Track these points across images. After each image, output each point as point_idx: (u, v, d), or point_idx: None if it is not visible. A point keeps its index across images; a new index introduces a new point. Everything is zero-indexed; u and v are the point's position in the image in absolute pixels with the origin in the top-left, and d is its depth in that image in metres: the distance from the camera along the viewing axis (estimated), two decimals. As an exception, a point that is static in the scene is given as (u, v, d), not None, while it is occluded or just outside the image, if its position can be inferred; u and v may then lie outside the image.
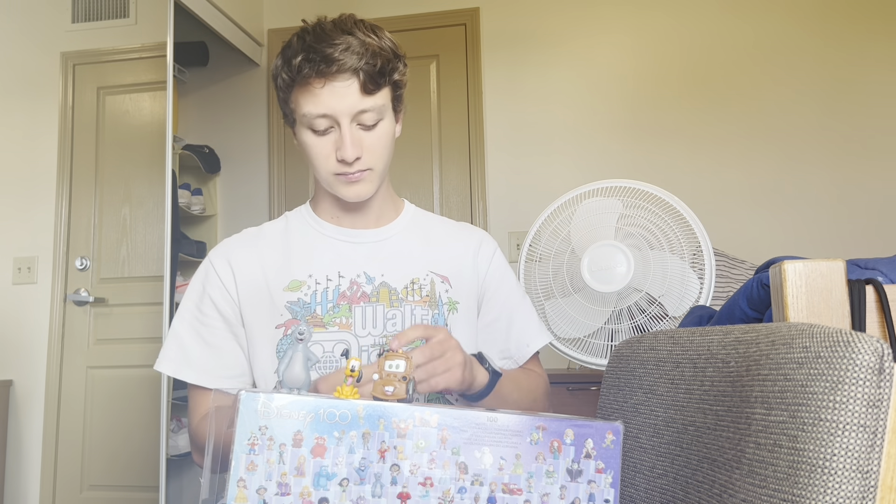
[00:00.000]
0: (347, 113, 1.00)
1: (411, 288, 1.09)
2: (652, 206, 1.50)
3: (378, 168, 1.06)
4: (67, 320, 2.73)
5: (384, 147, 1.06)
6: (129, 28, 2.86)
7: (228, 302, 1.09)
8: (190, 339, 1.09)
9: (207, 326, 1.08)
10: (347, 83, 0.99)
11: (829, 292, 0.75)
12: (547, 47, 3.04)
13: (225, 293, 1.09)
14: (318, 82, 0.99)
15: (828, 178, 2.77)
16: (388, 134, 1.07)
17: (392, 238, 1.14)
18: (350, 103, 1.00)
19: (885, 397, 0.55)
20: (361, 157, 1.03)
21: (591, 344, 1.53)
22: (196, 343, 1.08)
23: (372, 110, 1.02)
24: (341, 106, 1.00)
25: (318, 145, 1.03)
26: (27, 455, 2.69)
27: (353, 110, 1.00)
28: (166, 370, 1.08)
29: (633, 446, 0.85)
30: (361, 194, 1.07)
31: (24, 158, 2.85)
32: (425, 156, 3.10)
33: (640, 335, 0.94)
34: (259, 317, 1.07)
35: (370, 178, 1.06)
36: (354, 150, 1.01)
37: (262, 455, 0.63)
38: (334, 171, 1.04)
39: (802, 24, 2.85)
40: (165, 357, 1.09)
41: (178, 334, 1.09)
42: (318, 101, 1.00)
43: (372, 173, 1.06)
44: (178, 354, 1.08)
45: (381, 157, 1.06)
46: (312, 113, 1.00)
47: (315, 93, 1.00)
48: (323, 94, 1.00)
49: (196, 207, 3.11)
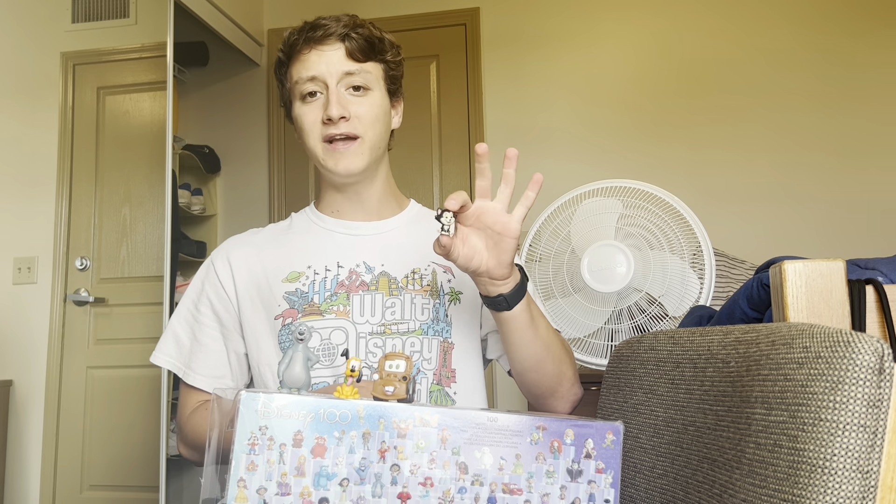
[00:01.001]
0: (334, 73, 1.05)
1: (412, 277, 1.09)
2: (652, 206, 1.50)
3: (367, 138, 1.06)
4: (67, 320, 2.73)
5: (375, 118, 1.07)
6: (129, 28, 2.86)
7: (225, 303, 1.10)
8: (183, 334, 1.11)
9: (200, 324, 1.11)
10: (334, 47, 1.05)
11: (829, 292, 0.75)
12: (547, 47, 3.04)
13: (222, 293, 1.10)
14: (306, 48, 1.06)
15: (828, 178, 2.77)
16: (379, 106, 1.08)
17: (393, 230, 1.14)
18: (336, 64, 1.05)
19: (885, 397, 0.55)
20: (349, 119, 1.04)
21: (591, 344, 1.53)
22: (188, 339, 1.11)
23: (358, 73, 1.06)
24: (328, 67, 1.05)
25: (307, 112, 1.06)
26: (27, 455, 2.69)
27: (340, 70, 1.05)
28: (160, 362, 1.11)
29: (633, 446, 0.85)
30: (350, 168, 1.06)
31: (25, 158, 2.85)
32: (425, 156, 3.10)
33: (640, 335, 0.94)
34: (258, 310, 1.08)
35: (359, 150, 1.06)
36: (339, 109, 1.03)
37: (262, 455, 0.63)
38: (322, 134, 1.05)
39: (803, 24, 2.85)
40: (160, 350, 1.12)
41: (174, 328, 1.12)
42: (306, 65, 1.05)
43: (361, 144, 1.06)
44: (172, 348, 1.11)
45: (371, 126, 1.06)
46: (303, 76, 1.05)
47: (304, 58, 1.06)
48: (310, 58, 1.05)
49: (196, 207, 3.11)
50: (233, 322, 1.10)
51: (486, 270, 0.90)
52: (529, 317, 0.97)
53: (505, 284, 0.92)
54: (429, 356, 1.06)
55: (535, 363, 1.02)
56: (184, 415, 1.10)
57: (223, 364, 1.10)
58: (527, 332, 0.98)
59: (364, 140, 1.06)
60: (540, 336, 1.00)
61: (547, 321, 1.05)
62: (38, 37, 2.91)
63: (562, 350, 1.05)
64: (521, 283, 0.94)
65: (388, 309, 1.06)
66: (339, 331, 1.04)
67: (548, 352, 1.02)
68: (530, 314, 0.97)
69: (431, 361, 1.06)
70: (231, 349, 1.10)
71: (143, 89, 2.83)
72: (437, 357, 1.06)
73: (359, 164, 1.07)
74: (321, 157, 1.07)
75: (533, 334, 0.98)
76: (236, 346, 1.10)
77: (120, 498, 2.63)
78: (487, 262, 0.90)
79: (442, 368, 1.07)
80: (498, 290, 0.92)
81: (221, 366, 1.10)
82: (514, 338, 0.99)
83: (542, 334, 1.00)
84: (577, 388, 1.09)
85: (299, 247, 1.12)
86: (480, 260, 0.90)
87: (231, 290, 1.10)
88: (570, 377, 1.07)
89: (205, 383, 1.09)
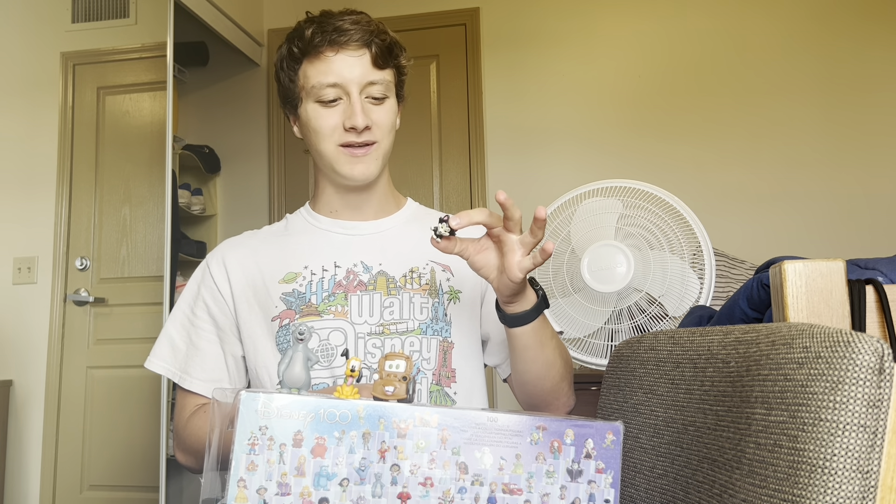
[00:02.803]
0: (358, 82, 1.02)
1: (410, 276, 1.08)
2: (652, 206, 1.50)
3: (383, 145, 1.07)
4: (67, 320, 2.73)
5: (390, 125, 1.07)
6: (129, 28, 2.86)
7: (221, 306, 1.09)
8: (179, 338, 1.10)
9: (196, 328, 1.09)
10: (359, 53, 1.03)
11: (829, 292, 0.75)
12: (547, 47, 3.04)
13: (218, 296, 1.09)
14: (330, 51, 1.02)
15: (828, 179, 2.77)
16: (393, 113, 1.08)
17: (391, 229, 1.13)
18: (361, 73, 1.02)
19: (885, 397, 0.55)
20: (370, 128, 1.04)
21: (591, 344, 1.53)
22: (183, 343, 1.09)
23: (381, 83, 1.04)
24: (353, 75, 1.02)
25: (326, 116, 1.04)
26: (27, 455, 2.69)
27: (364, 80, 1.03)
28: (155, 368, 1.09)
29: (633, 446, 0.85)
30: (366, 173, 1.06)
31: (24, 158, 2.85)
32: (425, 156, 3.10)
33: (640, 335, 0.94)
34: (255, 312, 1.07)
35: (375, 156, 1.06)
36: (364, 118, 1.02)
37: (262, 455, 0.63)
38: (340, 141, 1.04)
39: (803, 25, 2.85)
40: (156, 355, 1.10)
41: (169, 333, 1.10)
42: (330, 70, 1.02)
43: (378, 149, 1.06)
44: (168, 353, 1.10)
45: (387, 134, 1.07)
46: (323, 82, 1.02)
47: (327, 61, 1.02)
48: (335, 63, 1.02)
49: (196, 207, 3.11)
50: (229, 325, 1.09)
51: (495, 287, 0.92)
52: (538, 340, 0.98)
53: (511, 307, 0.94)
54: (428, 356, 1.05)
55: (534, 378, 1.04)
56: (181, 420, 1.09)
57: (220, 367, 1.09)
58: (530, 352, 0.99)
59: (380, 146, 1.06)
60: (545, 357, 1.01)
61: (557, 343, 1.05)
62: (38, 37, 2.91)
63: (564, 369, 1.06)
64: (531, 311, 0.94)
65: (387, 309, 1.06)
66: (338, 331, 1.04)
67: (549, 371, 1.03)
68: (538, 338, 0.98)
69: (431, 361, 1.05)
70: (228, 352, 1.09)
71: (143, 89, 2.83)
72: (437, 357, 1.06)
73: (374, 169, 1.07)
74: (335, 161, 1.06)
75: (536, 355, 1.00)
76: (233, 348, 1.09)
77: (120, 498, 2.63)
78: (496, 280, 0.91)
79: (442, 368, 1.06)
80: (505, 308, 0.95)
81: (219, 369, 1.09)
82: (517, 352, 1.00)
83: (547, 355, 1.01)
84: (571, 400, 1.11)
85: (295, 248, 1.11)
86: (488, 274, 0.91)
87: (227, 292, 1.09)
88: (565, 392, 1.08)
89: (202, 387, 1.07)
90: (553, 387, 1.05)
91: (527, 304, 0.94)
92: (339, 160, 1.05)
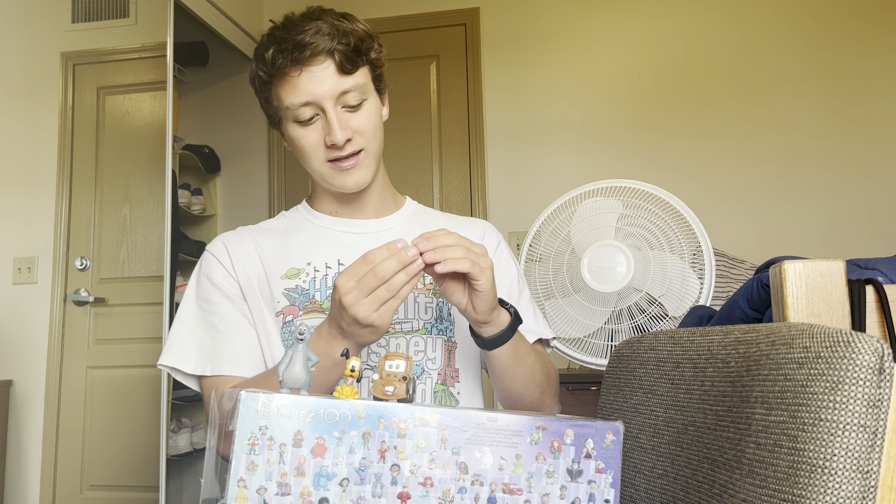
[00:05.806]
0: (330, 96, 0.99)
1: None
2: (652, 206, 1.50)
3: (371, 149, 1.05)
4: (67, 320, 2.73)
5: (374, 127, 1.04)
6: (129, 28, 2.86)
7: (234, 288, 1.05)
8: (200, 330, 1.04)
9: (215, 314, 1.04)
10: (324, 66, 0.99)
11: (829, 292, 0.75)
12: (547, 47, 3.04)
13: (224, 273, 1.06)
14: (294, 70, 0.99)
15: (828, 178, 2.77)
16: (376, 113, 1.05)
17: (393, 228, 1.13)
18: (330, 86, 0.99)
19: (885, 397, 0.55)
20: (352, 138, 1.01)
21: (591, 344, 1.53)
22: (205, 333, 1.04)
23: (354, 90, 1.01)
24: (322, 89, 0.99)
25: (307, 135, 1.02)
26: (27, 455, 2.69)
27: (335, 92, 0.99)
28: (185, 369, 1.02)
29: (633, 446, 0.85)
30: (360, 182, 1.05)
31: (24, 158, 2.85)
32: (425, 156, 3.10)
33: (640, 335, 0.94)
34: (257, 307, 1.05)
35: (365, 163, 1.04)
36: (344, 133, 0.99)
37: (262, 455, 0.63)
38: (326, 158, 1.02)
39: (803, 24, 2.85)
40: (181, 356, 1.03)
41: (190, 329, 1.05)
42: (298, 90, 0.99)
43: (366, 156, 1.04)
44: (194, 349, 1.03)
45: (373, 137, 1.04)
46: (295, 103, 1.00)
47: (293, 82, 0.99)
48: (301, 82, 0.99)
49: (196, 207, 3.11)
50: (244, 307, 1.05)
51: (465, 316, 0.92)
52: (516, 358, 0.98)
53: (485, 328, 0.93)
54: (433, 356, 1.05)
55: (514, 394, 1.03)
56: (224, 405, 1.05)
57: (252, 339, 1.03)
58: (509, 370, 0.99)
59: (368, 151, 1.04)
60: (524, 372, 1.00)
61: (537, 356, 1.04)
62: (38, 37, 2.91)
63: (545, 382, 1.06)
64: (507, 330, 0.94)
65: None
66: None
67: (528, 386, 1.03)
68: (517, 355, 0.98)
69: (436, 361, 1.05)
70: (251, 322, 1.04)
71: (143, 89, 2.83)
72: (442, 356, 1.06)
73: (367, 176, 1.06)
74: (326, 177, 1.04)
75: (515, 371, 0.99)
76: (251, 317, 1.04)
77: (120, 498, 2.63)
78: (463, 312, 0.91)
79: (447, 368, 1.06)
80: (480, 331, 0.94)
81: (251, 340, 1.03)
82: (496, 371, 1.00)
83: (525, 371, 1.01)
84: (555, 409, 1.10)
85: (297, 244, 1.10)
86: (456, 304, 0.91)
87: (233, 272, 1.06)
88: (548, 405, 1.08)
89: (238, 370, 1.00)
90: (533, 402, 1.05)
91: (501, 324, 0.93)
92: (330, 175, 1.04)
